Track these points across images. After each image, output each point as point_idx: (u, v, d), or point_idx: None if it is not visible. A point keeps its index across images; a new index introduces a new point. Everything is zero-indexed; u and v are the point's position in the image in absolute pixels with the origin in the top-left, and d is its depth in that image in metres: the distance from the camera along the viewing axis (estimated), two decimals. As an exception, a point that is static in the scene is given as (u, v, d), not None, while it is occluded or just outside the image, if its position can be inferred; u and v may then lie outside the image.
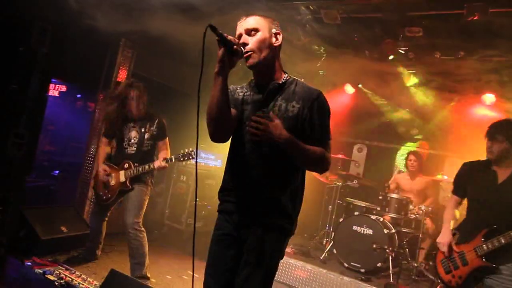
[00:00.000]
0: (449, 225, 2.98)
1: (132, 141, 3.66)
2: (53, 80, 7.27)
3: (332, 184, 5.70)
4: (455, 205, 3.07)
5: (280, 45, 1.88)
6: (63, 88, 7.83)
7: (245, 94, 1.94)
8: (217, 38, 1.66)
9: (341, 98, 6.73)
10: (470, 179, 2.92)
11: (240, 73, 2.73)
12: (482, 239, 2.69)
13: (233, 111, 1.87)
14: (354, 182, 5.45)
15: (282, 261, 4.55)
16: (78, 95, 8.69)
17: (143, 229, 3.63)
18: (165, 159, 3.54)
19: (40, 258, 3.68)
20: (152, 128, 3.68)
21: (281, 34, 1.87)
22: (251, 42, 1.78)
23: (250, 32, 1.80)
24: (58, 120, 8.03)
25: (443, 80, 5.11)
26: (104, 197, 3.78)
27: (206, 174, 5.81)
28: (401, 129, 6.45)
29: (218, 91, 1.70)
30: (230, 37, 1.70)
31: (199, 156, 5.11)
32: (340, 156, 5.76)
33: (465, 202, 3.01)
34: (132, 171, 3.59)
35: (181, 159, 3.52)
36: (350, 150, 7.10)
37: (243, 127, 1.87)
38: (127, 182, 3.61)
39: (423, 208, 4.66)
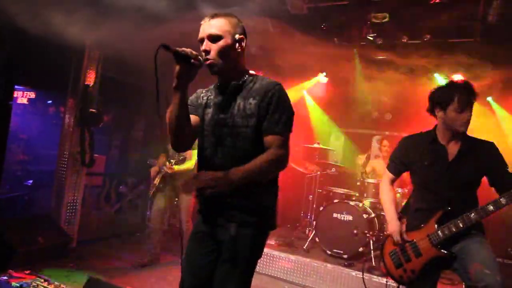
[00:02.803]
0: (394, 210, 2.56)
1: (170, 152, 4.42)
2: (20, 87, 7.05)
3: (311, 174, 5.75)
4: (391, 184, 2.67)
5: (243, 49, 1.85)
6: (32, 95, 7.59)
7: (209, 97, 1.93)
8: (173, 55, 1.61)
9: (315, 88, 6.77)
10: (415, 156, 2.51)
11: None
12: (436, 224, 2.34)
13: (195, 118, 1.87)
14: (333, 170, 5.50)
15: (266, 253, 4.64)
16: (49, 101, 8.47)
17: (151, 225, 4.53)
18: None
19: (16, 271, 3.59)
20: None
21: (245, 39, 1.84)
22: (214, 50, 1.75)
23: (212, 39, 1.75)
24: (30, 128, 7.80)
25: (412, 64, 5.18)
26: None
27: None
28: (375, 114, 6.55)
29: (176, 106, 1.69)
30: (186, 50, 1.62)
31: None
32: (317, 145, 5.80)
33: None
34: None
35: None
36: (328, 138, 7.17)
37: (205, 130, 1.87)
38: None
39: (399, 191, 4.75)
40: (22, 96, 7.61)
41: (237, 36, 1.79)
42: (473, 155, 2.36)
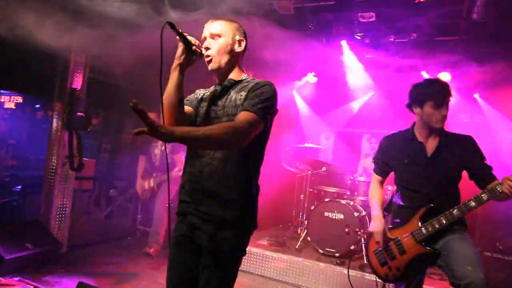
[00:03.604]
0: (380, 211, 2.57)
1: (157, 156, 4.90)
2: (6, 92, 6.97)
3: (302, 173, 5.76)
4: (379, 186, 2.71)
5: (243, 51, 1.93)
6: (19, 100, 7.51)
7: (205, 94, 2.00)
8: (177, 36, 1.71)
9: (305, 88, 6.80)
10: (395, 154, 2.55)
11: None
12: (420, 221, 2.36)
13: (188, 108, 1.92)
14: (323, 170, 5.52)
15: (258, 253, 4.64)
16: (37, 105, 8.38)
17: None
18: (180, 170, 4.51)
19: (5, 278, 3.54)
20: (169, 145, 4.50)
21: (245, 41, 1.92)
22: (213, 47, 1.84)
23: (214, 37, 1.85)
24: (18, 133, 7.71)
25: (400, 63, 5.22)
26: (145, 196, 5.07)
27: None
28: (364, 113, 6.59)
29: (172, 86, 1.75)
30: (190, 38, 1.74)
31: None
32: (307, 144, 5.82)
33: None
34: (157, 180, 4.91)
35: None
36: (318, 138, 7.20)
37: (197, 122, 1.90)
38: (155, 187, 4.93)
39: (390, 188, 4.78)
40: (9, 101, 7.53)
41: (237, 37, 1.88)
42: (451, 150, 2.39)
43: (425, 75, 5.54)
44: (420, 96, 2.41)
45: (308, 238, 4.93)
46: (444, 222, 2.27)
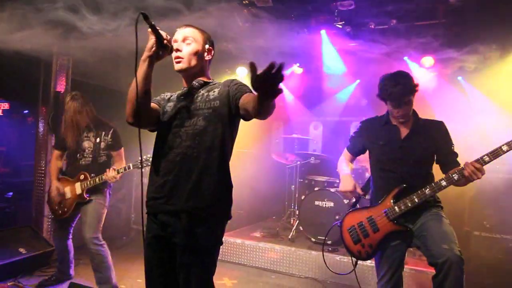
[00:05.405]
0: (348, 170, 2.75)
1: (86, 151, 3.53)
2: (-10, 99, 6.93)
3: (292, 164, 5.81)
4: (348, 160, 2.88)
5: (210, 59, 2.04)
6: (6, 106, 7.47)
7: (172, 95, 2.05)
8: (148, 28, 1.71)
9: (290, 79, 6.81)
10: (371, 136, 2.67)
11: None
12: (392, 200, 2.45)
13: (154, 105, 1.96)
14: (312, 159, 5.56)
15: (251, 245, 4.68)
16: (25, 111, 8.33)
17: (103, 242, 3.49)
18: (116, 170, 3.35)
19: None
20: (107, 138, 3.56)
21: (213, 51, 2.02)
22: (184, 50, 1.90)
23: (185, 40, 1.91)
24: (8, 140, 7.66)
25: (383, 49, 5.25)
26: (60, 212, 3.57)
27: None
28: (351, 101, 6.63)
29: (140, 76, 1.74)
30: (162, 32, 1.75)
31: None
32: (296, 135, 5.86)
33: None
34: (88, 182, 3.43)
35: (139, 166, 3.25)
36: (306, 128, 7.24)
37: (165, 118, 1.93)
38: (84, 194, 3.44)
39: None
40: (-4, 108, 7.48)
41: (207, 46, 1.98)
42: (423, 134, 2.51)
43: (408, 60, 5.58)
44: (382, 93, 2.51)
45: (301, 228, 4.99)
46: (417, 200, 2.36)
